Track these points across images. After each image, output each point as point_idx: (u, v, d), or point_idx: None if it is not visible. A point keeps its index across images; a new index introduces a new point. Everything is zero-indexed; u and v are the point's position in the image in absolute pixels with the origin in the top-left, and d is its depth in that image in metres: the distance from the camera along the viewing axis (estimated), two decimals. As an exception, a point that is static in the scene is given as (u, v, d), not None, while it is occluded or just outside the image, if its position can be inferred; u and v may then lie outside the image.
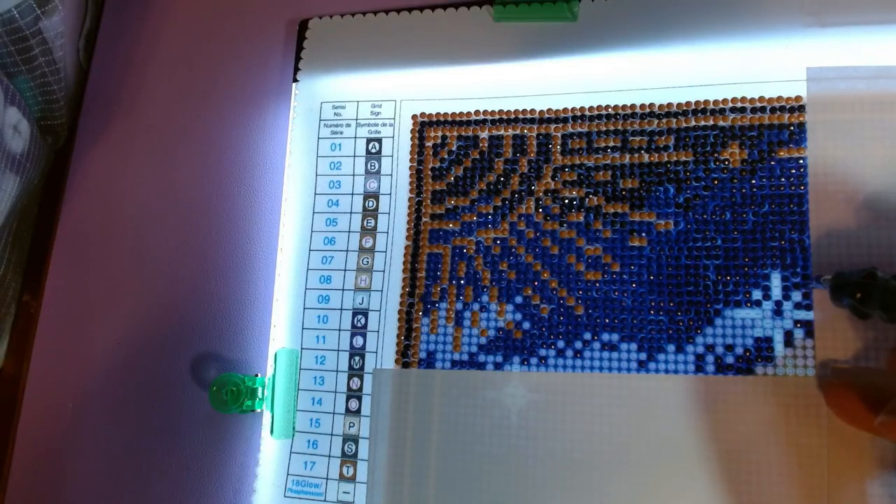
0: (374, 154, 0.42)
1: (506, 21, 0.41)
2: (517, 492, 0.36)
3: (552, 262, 0.38)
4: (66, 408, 0.44)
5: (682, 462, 0.34)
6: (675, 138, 0.38)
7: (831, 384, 0.33)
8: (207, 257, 0.44)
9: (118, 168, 0.47)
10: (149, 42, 0.49)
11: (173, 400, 0.43)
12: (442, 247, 0.40)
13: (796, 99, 0.36)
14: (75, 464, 0.43)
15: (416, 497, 0.37)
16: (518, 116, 0.40)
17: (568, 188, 0.39)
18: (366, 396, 0.39)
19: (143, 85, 0.48)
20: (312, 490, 0.39)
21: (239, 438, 0.41)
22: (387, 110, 0.42)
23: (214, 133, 0.46)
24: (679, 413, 0.35)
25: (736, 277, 0.36)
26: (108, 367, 0.44)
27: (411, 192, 0.41)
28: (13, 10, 0.40)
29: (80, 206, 0.47)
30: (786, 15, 0.37)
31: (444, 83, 0.42)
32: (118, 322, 0.44)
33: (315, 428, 0.39)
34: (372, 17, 0.44)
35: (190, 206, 0.45)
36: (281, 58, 0.46)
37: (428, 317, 0.39)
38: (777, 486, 0.33)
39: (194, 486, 0.41)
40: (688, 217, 0.37)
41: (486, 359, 0.38)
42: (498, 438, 0.37)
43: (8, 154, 0.42)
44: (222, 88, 0.47)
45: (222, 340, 0.43)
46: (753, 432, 0.34)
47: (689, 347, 0.36)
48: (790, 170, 0.36)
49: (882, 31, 0.36)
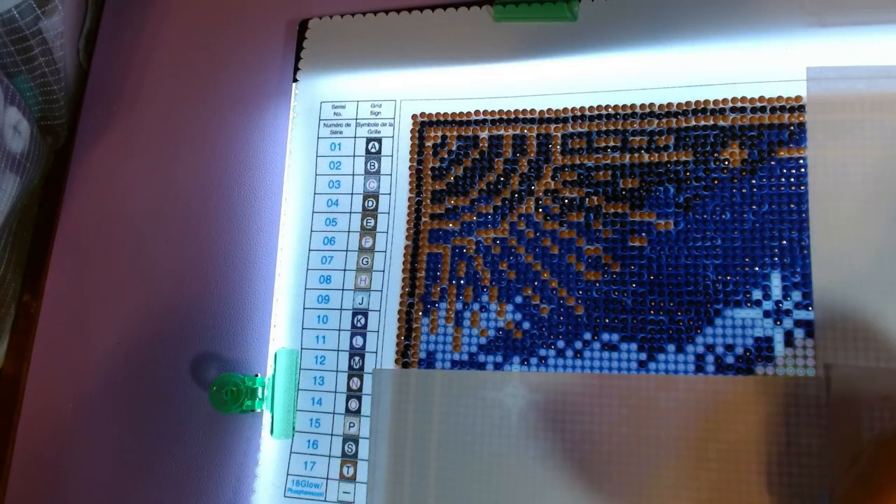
0: (373, 154, 0.42)
1: (506, 21, 0.41)
2: (517, 492, 0.36)
3: (552, 262, 0.38)
4: (66, 408, 0.44)
5: (682, 462, 0.34)
6: (675, 138, 0.38)
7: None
8: (207, 257, 0.44)
9: (118, 168, 0.47)
10: (149, 42, 0.49)
11: (173, 400, 0.43)
12: (442, 247, 0.40)
13: (796, 99, 0.36)
14: (75, 464, 0.43)
15: (417, 497, 0.37)
16: (518, 116, 0.40)
17: (568, 188, 0.39)
18: (366, 396, 0.39)
19: (143, 85, 0.48)
20: (312, 490, 0.39)
21: (239, 438, 0.41)
22: (387, 110, 0.42)
23: (214, 133, 0.46)
24: (679, 413, 0.35)
25: (736, 277, 0.36)
26: (108, 367, 0.44)
27: (411, 191, 0.41)
28: (13, 10, 0.40)
29: (80, 206, 0.47)
30: (786, 15, 0.37)
31: (444, 83, 0.42)
32: (118, 322, 0.44)
33: (315, 428, 0.39)
34: (372, 17, 0.44)
35: (190, 206, 0.45)
36: (281, 58, 0.46)
37: (428, 317, 0.39)
38: (777, 486, 0.33)
39: (194, 485, 0.41)
40: (688, 217, 0.37)
41: (486, 359, 0.38)
42: (498, 438, 0.37)
43: (8, 154, 0.42)
44: (222, 88, 0.47)
45: (222, 340, 0.43)
46: (753, 432, 0.34)
47: (689, 347, 0.36)
48: (790, 170, 0.36)
49: (882, 31, 0.36)
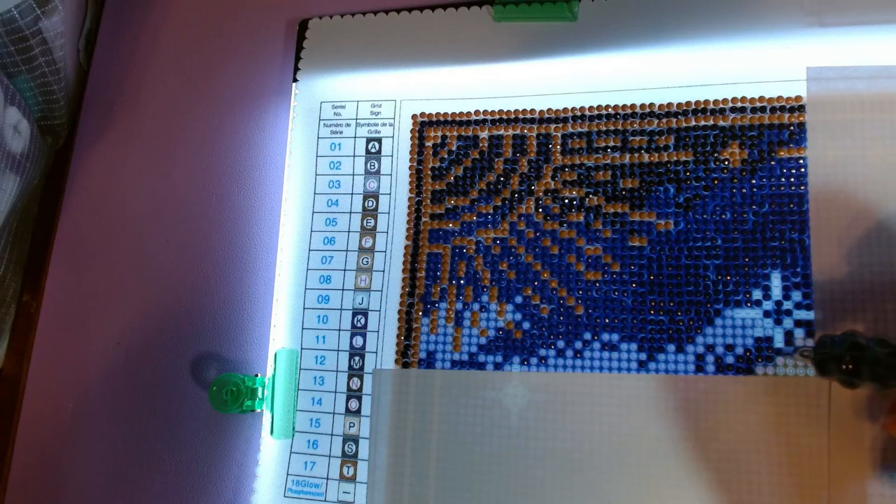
0: (373, 154, 0.42)
1: (506, 21, 0.41)
2: (517, 492, 0.36)
3: (552, 262, 0.38)
4: (66, 408, 0.44)
5: (682, 462, 0.34)
6: (675, 138, 0.38)
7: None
8: (207, 257, 0.44)
9: (118, 168, 0.47)
10: (149, 42, 0.49)
11: (173, 400, 0.43)
12: (442, 247, 0.40)
13: (796, 99, 0.36)
14: (75, 464, 0.43)
15: (417, 497, 0.37)
16: (518, 116, 0.40)
17: (568, 188, 0.39)
18: (366, 396, 0.39)
19: (143, 85, 0.48)
20: (312, 490, 0.39)
21: (239, 438, 0.41)
22: (387, 110, 0.42)
23: (214, 133, 0.46)
24: (679, 413, 0.35)
25: (736, 277, 0.36)
26: (108, 367, 0.44)
27: (411, 191, 0.41)
28: (13, 10, 0.40)
29: (80, 206, 0.47)
30: (786, 15, 0.37)
31: (444, 83, 0.42)
32: (118, 322, 0.44)
33: (315, 428, 0.39)
34: (372, 17, 0.44)
35: (190, 206, 0.45)
36: (281, 58, 0.46)
37: (428, 317, 0.39)
38: (777, 486, 0.33)
39: (194, 485, 0.41)
40: (688, 217, 0.37)
41: (486, 359, 0.38)
42: (498, 438, 0.37)
43: (8, 154, 0.42)
44: (222, 88, 0.47)
45: (222, 340, 0.43)
46: (753, 432, 0.34)
47: (689, 347, 0.36)
48: (790, 170, 0.36)
49: (882, 31, 0.36)
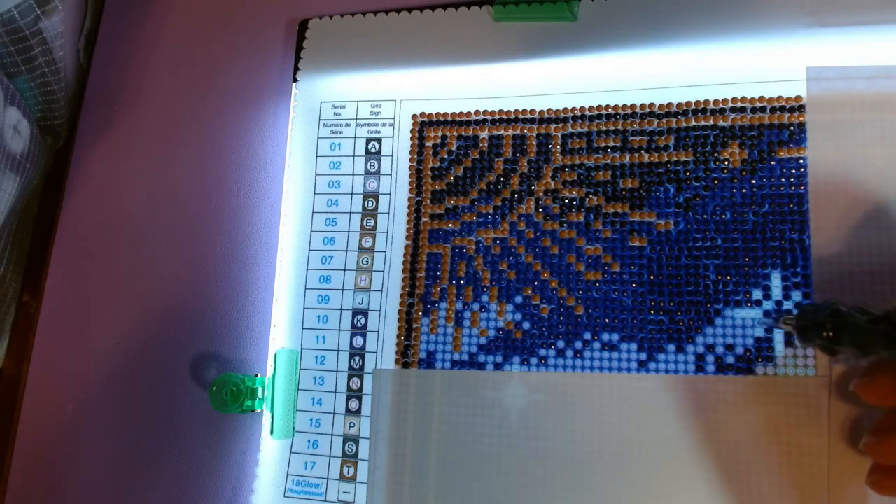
0: (373, 154, 0.42)
1: (506, 21, 0.41)
2: (517, 492, 0.36)
3: (552, 262, 0.38)
4: (66, 408, 0.44)
5: (682, 462, 0.34)
6: (675, 138, 0.38)
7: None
8: (207, 257, 0.44)
9: (118, 168, 0.47)
10: (149, 42, 0.49)
11: (173, 400, 0.43)
12: (442, 247, 0.40)
13: (796, 99, 0.36)
14: (75, 464, 0.43)
15: (417, 497, 0.37)
16: (518, 116, 0.40)
17: (568, 188, 0.39)
18: (366, 396, 0.39)
19: (143, 85, 0.48)
20: (312, 490, 0.39)
21: (239, 438, 0.41)
22: (387, 110, 0.42)
23: (214, 133, 0.46)
24: (679, 413, 0.35)
25: (736, 277, 0.36)
26: (108, 367, 0.44)
27: (411, 191, 0.41)
28: (13, 10, 0.40)
29: (80, 206, 0.47)
30: (786, 15, 0.37)
31: (444, 83, 0.42)
32: (118, 322, 0.44)
33: (315, 428, 0.39)
34: (372, 17, 0.44)
35: (190, 206, 0.45)
36: (281, 58, 0.46)
37: (428, 317, 0.39)
38: (777, 486, 0.33)
39: (194, 485, 0.41)
40: (688, 217, 0.37)
41: (486, 359, 0.38)
42: (498, 438, 0.37)
43: (8, 154, 0.42)
44: (222, 88, 0.47)
45: (222, 340, 0.43)
46: (753, 432, 0.34)
47: (689, 347, 0.36)
48: (790, 170, 0.36)
49: (882, 31, 0.36)
